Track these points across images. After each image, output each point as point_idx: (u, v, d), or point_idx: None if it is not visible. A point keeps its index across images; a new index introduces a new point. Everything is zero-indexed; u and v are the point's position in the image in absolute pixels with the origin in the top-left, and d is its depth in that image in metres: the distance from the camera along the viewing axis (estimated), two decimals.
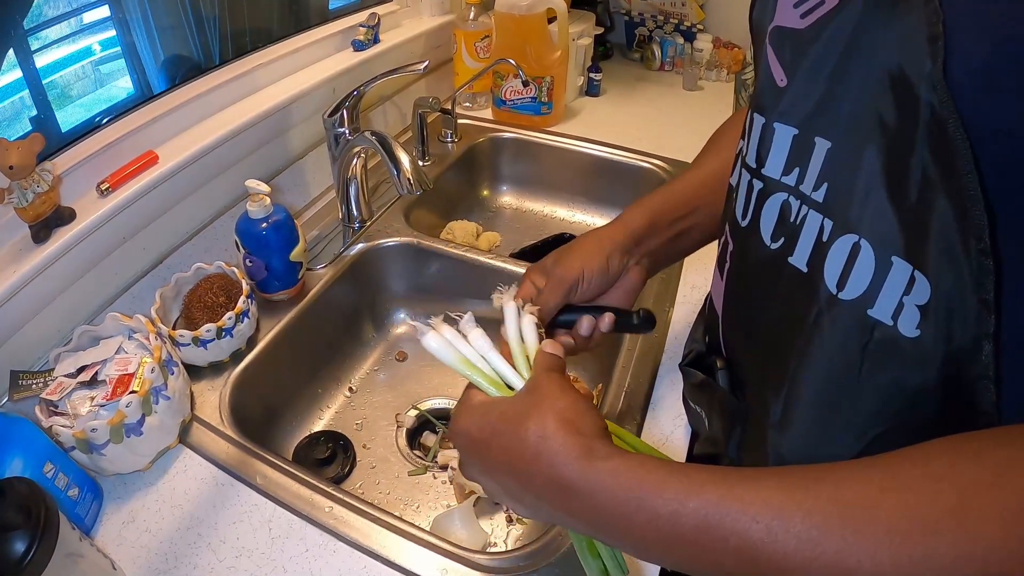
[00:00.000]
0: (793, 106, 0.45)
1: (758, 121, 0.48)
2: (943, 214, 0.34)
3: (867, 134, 0.38)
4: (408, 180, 0.87)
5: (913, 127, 0.35)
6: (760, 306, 0.52)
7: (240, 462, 0.73)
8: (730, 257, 0.56)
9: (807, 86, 0.43)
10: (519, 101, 1.45)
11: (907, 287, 0.37)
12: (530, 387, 0.47)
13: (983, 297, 0.34)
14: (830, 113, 0.41)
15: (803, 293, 0.44)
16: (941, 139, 0.33)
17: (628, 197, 1.39)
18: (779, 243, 0.47)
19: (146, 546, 0.65)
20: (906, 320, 0.38)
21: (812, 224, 0.43)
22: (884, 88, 0.36)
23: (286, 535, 0.66)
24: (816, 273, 0.43)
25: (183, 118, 0.95)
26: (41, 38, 0.87)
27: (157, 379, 0.70)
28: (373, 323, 1.12)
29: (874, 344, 0.40)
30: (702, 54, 1.75)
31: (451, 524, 0.76)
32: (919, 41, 0.34)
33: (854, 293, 0.40)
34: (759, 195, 0.49)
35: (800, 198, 0.45)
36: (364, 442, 0.94)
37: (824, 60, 0.41)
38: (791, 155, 0.45)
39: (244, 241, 0.89)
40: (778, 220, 0.47)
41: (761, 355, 0.53)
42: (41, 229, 0.74)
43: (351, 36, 1.25)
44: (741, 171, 0.52)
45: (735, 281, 0.56)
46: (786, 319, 0.47)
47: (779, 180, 0.47)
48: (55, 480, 0.62)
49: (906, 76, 0.35)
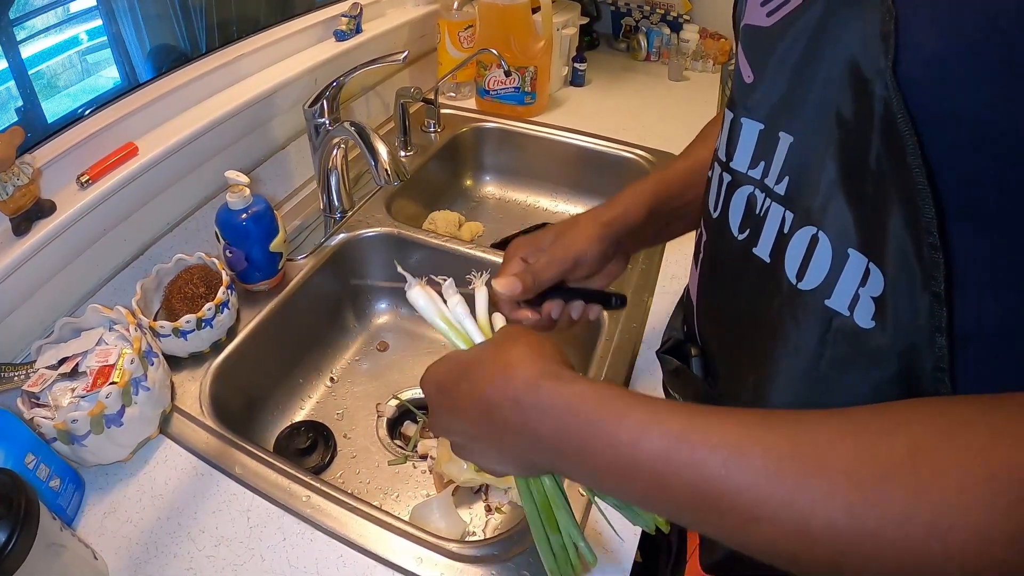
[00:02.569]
0: (759, 102, 0.46)
1: (728, 116, 0.50)
2: (896, 209, 0.35)
3: (827, 130, 0.39)
4: (386, 171, 0.88)
5: (868, 122, 0.36)
6: (730, 296, 0.53)
7: (220, 452, 0.74)
8: (704, 248, 0.57)
9: (772, 82, 0.44)
10: (503, 91, 1.45)
11: (862, 279, 0.38)
12: (498, 334, 0.50)
13: (934, 290, 0.35)
14: (793, 109, 0.43)
15: (767, 283, 0.46)
16: (893, 134, 0.34)
17: (612, 187, 1.40)
18: (745, 234, 0.49)
19: (127, 536, 0.66)
20: (862, 311, 0.39)
21: (775, 216, 0.45)
22: (843, 84, 0.37)
23: (264, 524, 0.67)
24: (778, 264, 0.44)
25: (164, 109, 0.95)
26: (27, 28, 0.86)
27: (137, 370, 0.71)
28: (354, 313, 1.13)
29: (832, 334, 0.41)
30: (688, 45, 1.76)
31: (430, 513, 0.77)
32: (874, 37, 0.35)
33: (812, 283, 0.42)
34: (728, 187, 0.50)
35: (765, 191, 0.46)
36: (345, 432, 0.95)
37: (787, 57, 0.42)
38: (757, 149, 0.47)
39: (224, 232, 0.90)
40: (744, 212, 0.49)
41: (733, 344, 0.54)
42: (22, 222, 0.75)
43: (334, 26, 1.25)
44: (714, 164, 0.53)
45: (708, 271, 0.57)
46: (753, 308, 0.48)
47: (746, 173, 0.48)
48: (36, 471, 0.63)
49: (862, 72, 0.36)
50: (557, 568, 0.50)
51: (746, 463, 0.34)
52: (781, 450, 0.33)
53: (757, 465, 0.33)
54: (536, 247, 0.64)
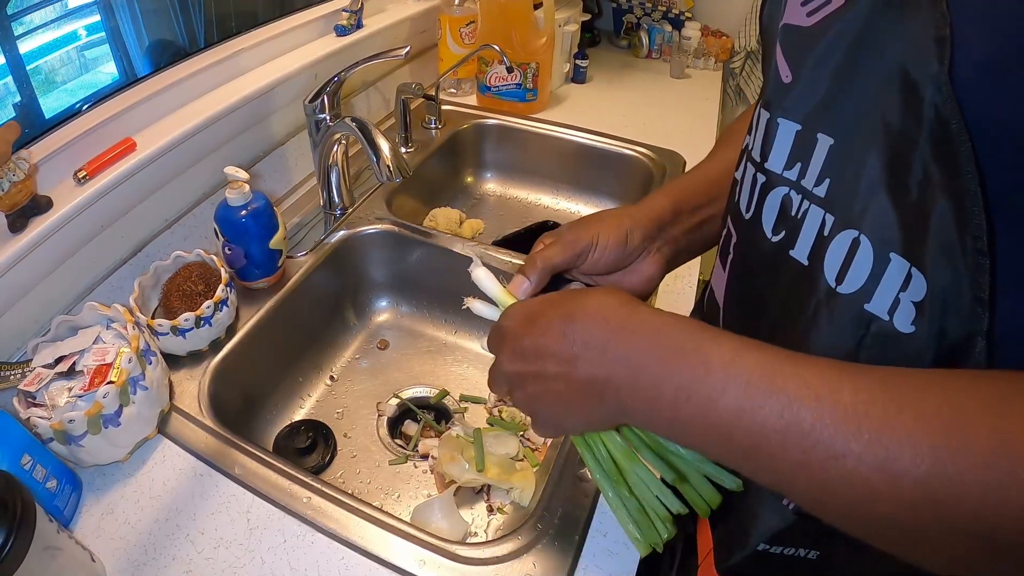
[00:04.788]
0: (797, 102, 0.45)
1: (763, 116, 0.49)
2: (942, 213, 0.35)
3: (871, 132, 0.39)
4: (388, 167, 0.87)
5: (917, 126, 0.36)
6: (761, 297, 0.52)
7: (219, 452, 0.73)
8: (733, 248, 0.56)
9: (811, 83, 0.44)
10: (504, 87, 1.44)
11: (904, 283, 0.38)
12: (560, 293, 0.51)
13: (978, 295, 0.35)
14: (833, 110, 0.42)
15: (803, 285, 0.45)
16: (944, 138, 0.34)
17: (613, 185, 1.40)
18: (780, 236, 0.48)
19: (125, 538, 0.65)
20: (902, 316, 0.39)
21: (814, 218, 0.44)
22: (889, 87, 0.37)
23: (264, 526, 0.66)
24: (816, 266, 0.44)
25: (162, 104, 0.94)
26: (25, 23, 0.85)
27: (135, 369, 0.70)
28: (355, 311, 1.12)
29: (870, 338, 0.41)
30: (690, 42, 1.75)
31: (431, 514, 0.76)
32: (926, 42, 0.34)
33: (852, 287, 0.41)
34: (762, 188, 0.50)
35: (801, 192, 0.46)
36: (345, 431, 0.94)
37: (828, 58, 0.42)
38: (793, 150, 0.46)
39: (223, 229, 0.89)
40: (779, 214, 0.48)
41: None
42: (17, 218, 0.74)
43: (334, 21, 1.24)
44: (746, 164, 0.53)
45: (738, 272, 0.57)
46: (786, 311, 0.48)
47: (781, 174, 0.47)
48: (33, 472, 0.62)
49: (911, 76, 0.35)
50: (641, 536, 0.49)
51: (837, 398, 0.34)
52: (872, 390, 0.34)
53: (847, 403, 0.34)
54: (554, 235, 0.63)
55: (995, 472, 0.29)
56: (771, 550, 0.51)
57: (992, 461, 0.30)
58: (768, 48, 0.51)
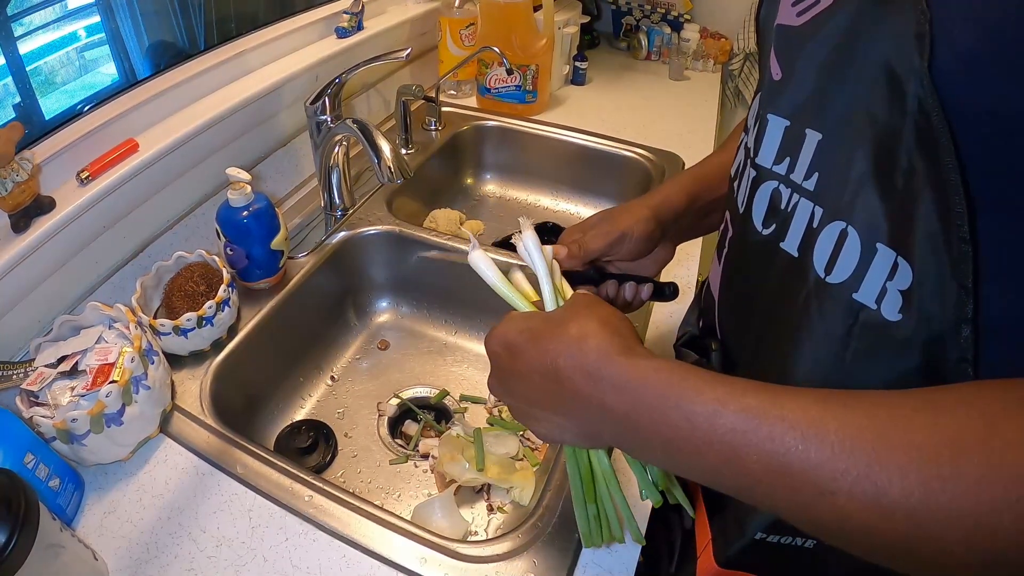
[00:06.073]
0: (786, 99, 0.47)
1: (754, 112, 0.51)
2: (927, 203, 0.36)
3: (858, 127, 0.40)
4: (389, 168, 0.87)
5: (901, 120, 0.37)
6: (754, 290, 0.54)
7: (221, 451, 0.73)
8: (729, 243, 0.58)
9: (800, 80, 0.45)
10: (504, 89, 1.45)
11: (890, 272, 0.39)
12: (570, 302, 0.50)
13: (962, 282, 0.36)
14: (822, 106, 0.43)
15: (794, 277, 0.46)
16: (927, 130, 0.35)
17: (612, 186, 1.40)
18: (771, 229, 0.49)
19: (127, 536, 0.65)
20: (889, 304, 0.39)
21: (803, 211, 0.45)
22: (875, 83, 0.38)
23: (266, 524, 0.67)
24: (806, 258, 0.45)
25: (164, 105, 0.95)
26: (25, 24, 0.86)
27: (137, 369, 0.70)
28: (355, 311, 1.13)
29: (859, 327, 0.42)
30: (689, 44, 1.76)
31: (432, 513, 0.77)
32: (908, 38, 0.35)
33: (840, 277, 0.42)
34: (752, 183, 0.51)
35: (791, 186, 0.47)
36: (346, 431, 0.95)
37: (817, 56, 0.43)
38: (782, 145, 0.47)
39: (225, 229, 0.89)
40: (769, 207, 0.49)
41: (754, 338, 0.55)
42: (20, 218, 0.74)
43: (335, 23, 1.24)
44: (744, 159, 0.54)
45: (732, 266, 0.58)
46: (778, 302, 0.49)
47: (770, 169, 0.49)
48: (36, 471, 0.62)
49: (896, 71, 0.37)
50: (589, 534, 0.55)
51: (823, 437, 0.34)
52: (858, 424, 0.33)
53: (833, 440, 0.33)
54: (586, 227, 0.66)
55: (987, 497, 0.29)
56: (768, 538, 0.52)
57: (983, 487, 0.30)
58: (764, 49, 0.53)
